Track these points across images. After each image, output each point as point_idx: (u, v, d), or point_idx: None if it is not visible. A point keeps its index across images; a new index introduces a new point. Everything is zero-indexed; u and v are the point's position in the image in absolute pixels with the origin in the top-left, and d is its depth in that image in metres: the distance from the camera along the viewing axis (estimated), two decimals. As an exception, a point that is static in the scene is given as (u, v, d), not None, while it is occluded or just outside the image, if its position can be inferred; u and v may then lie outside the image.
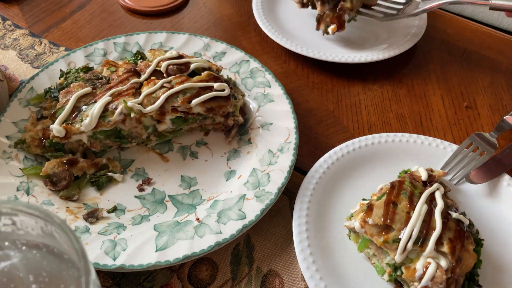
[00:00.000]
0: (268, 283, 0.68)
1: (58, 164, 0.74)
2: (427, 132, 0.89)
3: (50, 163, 0.74)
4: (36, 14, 1.12)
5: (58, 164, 0.74)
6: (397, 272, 0.62)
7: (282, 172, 0.74)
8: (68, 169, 0.74)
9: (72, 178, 0.74)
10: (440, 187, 0.67)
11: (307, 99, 0.95)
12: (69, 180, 0.74)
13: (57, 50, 1.03)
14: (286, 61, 1.03)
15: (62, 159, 0.75)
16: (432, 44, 1.08)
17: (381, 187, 0.68)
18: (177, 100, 0.77)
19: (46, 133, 0.76)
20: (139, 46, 0.94)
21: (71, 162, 0.75)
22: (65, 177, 0.73)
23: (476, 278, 0.64)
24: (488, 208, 0.73)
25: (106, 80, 0.80)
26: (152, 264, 0.63)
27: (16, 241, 0.43)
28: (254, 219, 0.69)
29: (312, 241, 0.67)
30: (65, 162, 0.74)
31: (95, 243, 0.66)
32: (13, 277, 0.41)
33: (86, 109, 0.75)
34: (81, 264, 0.38)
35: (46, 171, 0.73)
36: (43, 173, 0.73)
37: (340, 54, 0.98)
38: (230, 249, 0.71)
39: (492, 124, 0.91)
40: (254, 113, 0.85)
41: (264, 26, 1.03)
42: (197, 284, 0.68)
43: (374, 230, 0.62)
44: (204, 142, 0.83)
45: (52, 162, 0.74)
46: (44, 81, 0.86)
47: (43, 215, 0.41)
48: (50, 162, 0.74)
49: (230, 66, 0.92)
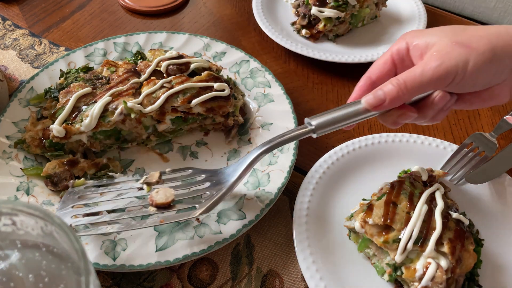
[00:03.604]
0: (268, 283, 0.68)
1: (58, 165, 0.74)
2: (427, 132, 0.89)
3: (51, 163, 0.74)
4: (36, 14, 1.12)
5: (58, 164, 0.74)
6: (397, 272, 0.62)
7: (282, 172, 0.74)
8: (69, 169, 0.74)
9: (73, 179, 0.74)
10: (440, 187, 0.67)
11: (307, 99, 0.95)
12: (70, 180, 0.74)
13: (57, 50, 1.03)
14: (286, 61, 1.03)
15: (62, 160, 0.75)
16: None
17: (381, 187, 0.68)
18: (177, 100, 0.77)
19: (46, 133, 0.76)
20: (139, 46, 0.94)
21: (71, 163, 0.75)
22: (66, 177, 0.73)
23: (476, 278, 0.64)
24: (488, 208, 0.73)
25: (106, 80, 0.80)
26: (152, 264, 0.63)
27: (16, 241, 0.43)
28: (254, 219, 0.69)
29: (312, 241, 0.67)
30: (66, 163, 0.74)
31: (95, 243, 0.66)
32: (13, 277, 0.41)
33: (86, 109, 0.75)
34: (81, 264, 0.38)
35: (47, 172, 0.73)
36: (44, 173, 0.73)
37: (340, 54, 0.98)
38: (230, 249, 0.71)
39: (492, 124, 0.91)
40: (254, 113, 0.85)
41: (264, 26, 1.03)
42: (197, 284, 0.68)
43: (374, 230, 0.62)
44: (204, 142, 0.83)
45: (53, 163, 0.74)
46: (44, 81, 0.86)
47: (43, 215, 0.41)
48: (51, 162, 0.74)
49: (230, 66, 0.92)
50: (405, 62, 0.63)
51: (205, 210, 0.62)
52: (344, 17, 1.00)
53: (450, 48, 0.57)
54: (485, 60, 0.56)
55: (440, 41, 0.58)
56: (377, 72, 0.64)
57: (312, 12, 1.00)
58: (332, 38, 1.04)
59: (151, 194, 0.65)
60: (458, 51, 0.56)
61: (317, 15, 0.99)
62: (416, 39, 0.61)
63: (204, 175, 0.68)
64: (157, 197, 0.64)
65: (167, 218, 0.63)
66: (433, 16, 1.14)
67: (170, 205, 0.64)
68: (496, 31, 0.58)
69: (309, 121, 0.62)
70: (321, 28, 1.00)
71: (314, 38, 1.03)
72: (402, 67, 0.63)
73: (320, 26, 1.01)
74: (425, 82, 0.57)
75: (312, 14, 1.00)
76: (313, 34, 1.03)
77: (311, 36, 1.03)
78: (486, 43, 0.57)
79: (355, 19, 1.04)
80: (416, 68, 0.58)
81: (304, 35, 1.04)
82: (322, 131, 0.62)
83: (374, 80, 0.64)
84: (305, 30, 1.03)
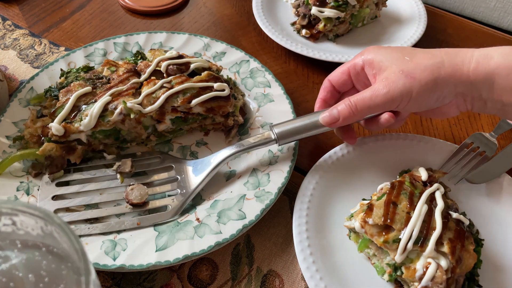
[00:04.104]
0: (268, 283, 0.68)
1: (56, 148, 0.74)
2: (427, 132, 0.89)
3: (49, 144, 0.74)
4: (36, 14, 1.12)
5: (56, 148, 0.74)
6: (397, 272, 0.62)
7: (282, 172, 0.74)
8: (65, 155, 0.75)
9: (64, 166, 0.76)
10: (440, 187, 0.67)
11: (307, 99, 0.95)
12: (61, 168, 0.75)
13: (57, 50, 1.03)
14: (286, 61, 1.03)
15: (61, 145, 0.75)
16: (432, 44, 1.08)
17: (381, 187, 0.68)
18: (177, 100, 0.77)
19: (45, 131, 0.76)
20: (139, 46, 0.94)
21: (69, 149, 0.75)
22: (57, 164, 0.75)
23: (476, 278, 0.64)
24: (488, 208, 0.73)
25: (106, 80, 0.80)
26: (152, 264, 0.63)
27: (16, 241, 0.43)
28: (254, 219, 0.69)
29: (312, 241, 0.67)
30: (63, 147, 0.75)
31: (95, 243, 0.66)
32: (13, 277, 0.41)
33: (86, 108, 0.75)
34: (81, 264, 0.38)
35: (43, 152, 0.74)
36: (40, 152, 0.73)
37: (340, 54, 0.98)
38: (230, 249, 0.71)
39: (492, 124, 0.91)
40: (254, 113, 0.85)
41: (264, 26, 1.03)
42: (197, 284, 0.68)
43: (374, 230, 0.62)
44: (204, 142, 0.83)
45: (51, 145, 0.74)
46: (44, 81, 0.86)
47: (43, 215, 0.41)
48: (49, 144, 0.74)
49: (230, 66, 0.92)
50: (359, 76, 0.74)
51: (177, 211, 0.71)
52: (344, 17, 1.00)
53: (397, 77, 0.65)
54: (427, 89, 0.65)
55: (390, 67, 0.67)
56: (335, 79, 0.76)
57: (312, 12, 1.00)
58: (332, 38, 1.04)
59: (126, 191, 0.72)
60: (403, 82, 0.65)
61: (317, 15, 1.00)
62: (372, 58, 0.70)
63: (173, 165, 0.78)
64: (132, 195, 0.71)
65: (143, 221, 0.70)
66: (433, 16, 1.14)
67: (144, 202, 0.72)
68: (439, 62, 0.65)
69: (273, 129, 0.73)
70: (321, 28, 1.00)
71: (314, 38, 1.03)
72: (357, 80, 0.75)
73: (320, 26, 1.01)
74: (373, 106, 0.67)
75: (312, 14, 1.01)
76: (313, 34, 1.03)
77: (311, 36, 1.03)
78: (428, 74, 0.64)
79: (355, 19, 1.04)
80: (367, 92, 0.67)
81: (304, 35, 1.04)
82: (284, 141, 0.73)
83: (334, 85, 0.77)
84: (305, 30, 1.03)
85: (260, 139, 0.73)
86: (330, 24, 1.00)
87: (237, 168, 0.78)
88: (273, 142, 0.73)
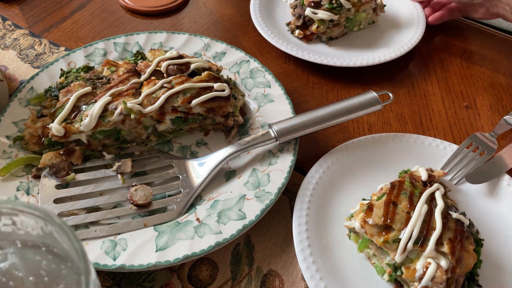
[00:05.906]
0: (268, 283, 0.68)
1: (55, 155, 0.74)
2: (427, 132, 0.89)
3: (47, 154, 0.74)
4: (36, 14, 1.12)
5: (55, 155, 0.74)
6: (397, 272, 0.62)
7: (282, 172, 0.74)
8: (66, 159, 0.75)
9: (71, 168, 0.75)
10: (440, 187, 0.67)
11: (307, 99, 0.95)
12: (68, 169, 0.74)
13: (57, 50, 1.03)
14: (286, 61, 1.03)
15: (58, 151, 0.75)
16: (432, 44, 1.08)
17: (381, 187, 0.68)
18: (177, 100, 0.77)
19: (45, 131, 0.76)
20: (139, 46, 0.94)
21: (68, 152, 0.75)
22: (64, 167, 0.74)
23: (476, 278, 0.64)
24: (488, 208, 0.73)
25: (107, 80, 0.80)
26: (152, 264, 0.63)
27: (16, 241, 0.43)
28: (254, 219, 0.69)
29: (312, 241, 0.67)
30: (62, 153, 0.75)
31: (95, 243, 0.66)
32: (13, 277, 0.41)
33: (86, 108, 0.75)
34: (81, 264, 0.38)
35: (44, 163, 0.73)
36: (41, 165, 0.73)
37: (329, 56, 0.97)
38: (230, 249, 0.71)
39: (492, 124, 0.91)
40: (254, 113, 0.85)
41: (264, 31, 1.02)
42: (197, 284, 0.68)
43: (374, 230, 0.62)
44: (204, 142, 0.83)
45: (50, 154, 0.74)
46: (44, 81, 0.86)
47: (43, 215, 0.41)
48: (48, 154, 0.75)
49: (230, 66, 0.92)
50: None
51: (181, 210, 0.71)
52: (339, 20, 1.00)
53: None
54: None
55: None
56: None
57: (306, 13, 0.99)
58: (325, 40, 1.04)
59: (130, 192, 0.72)
60: None
61: (311, 16, 0.99)
62: None
63: (173, 164, 0.77)
64: (137, 196, 0.71)
65: (150, 221, 0.70)
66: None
67: (148, 203, 0.72)
68: None
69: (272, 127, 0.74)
70: (314, 30, 1.00)
71: (307, 39, 1.03)
72: None
73: (313, 28, 1.00)
74: None
75: (306, 15, 1.00)
76: (306, 35, 1.02)
77: (304, 37, 1.03)
78: None
79: (350, 22, 1.03)
80: None
81: (297, 36, 1.03)
82: (284, 139, 0.74)
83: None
84: (298, 30, 1.02)
85: (260, 137, 0.74)
86: (323, 26, 0.99)
87: (237, 168, 0.78)
88: (273, 140, 0.74)
